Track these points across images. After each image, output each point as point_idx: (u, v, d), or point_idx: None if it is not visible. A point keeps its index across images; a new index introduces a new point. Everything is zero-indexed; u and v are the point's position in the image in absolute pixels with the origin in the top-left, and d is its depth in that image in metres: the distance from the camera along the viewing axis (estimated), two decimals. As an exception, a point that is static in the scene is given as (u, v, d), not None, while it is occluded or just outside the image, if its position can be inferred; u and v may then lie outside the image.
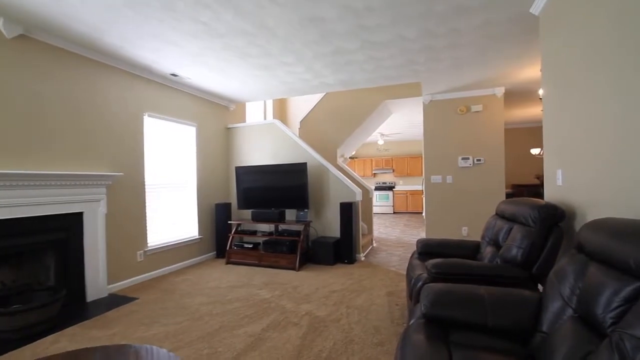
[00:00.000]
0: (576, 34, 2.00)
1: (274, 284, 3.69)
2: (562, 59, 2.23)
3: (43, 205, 2.92)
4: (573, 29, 2.05)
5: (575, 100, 2.04)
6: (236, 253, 4.66)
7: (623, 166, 1.53)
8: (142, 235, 3.94)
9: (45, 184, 2.90)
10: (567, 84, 2.17)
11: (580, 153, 1.98)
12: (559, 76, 2.29)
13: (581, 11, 1.94)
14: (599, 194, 1.76)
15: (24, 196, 2.77)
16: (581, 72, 1.95)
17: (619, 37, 1.55)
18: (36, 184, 2.83)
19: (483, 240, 2.75)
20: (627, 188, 1.50)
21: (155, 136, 4.20)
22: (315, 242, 4.55)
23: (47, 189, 2.94)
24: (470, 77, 4.42)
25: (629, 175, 1.49)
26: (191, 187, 4.77)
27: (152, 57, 3.58)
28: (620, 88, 1.54)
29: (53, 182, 2.96)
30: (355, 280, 3.76)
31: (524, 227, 2.18)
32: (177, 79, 4.24)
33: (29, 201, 2.80)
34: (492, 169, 5.05)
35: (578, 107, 2.00)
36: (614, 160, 1.61)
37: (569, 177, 2.18)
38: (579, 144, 2.00)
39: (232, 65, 3.87)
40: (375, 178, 12.05)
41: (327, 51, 3.51)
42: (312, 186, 4.88)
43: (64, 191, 3.06)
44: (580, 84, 1.97)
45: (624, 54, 1.51)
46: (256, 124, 5.37)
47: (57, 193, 3.01)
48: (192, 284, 3.76)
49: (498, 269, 2.10)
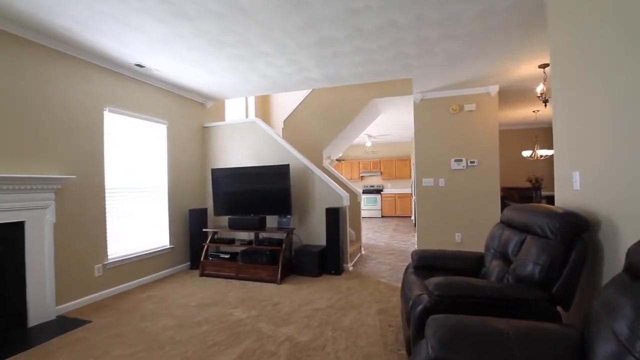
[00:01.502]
0: (597, 17, 1.70)
1: (252, 301, 3.28)
2: (579, 48, 1.93)
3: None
4: (592, 12, 1.75)
5: (599, 93, 1.73)
6: (212, 264, 4.21)
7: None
8: (101, 247, 3.46)
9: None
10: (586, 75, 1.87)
11: (609, 153, 1.67)
12: (575, 67, 2.00)
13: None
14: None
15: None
16: (607, 58, 1.64)
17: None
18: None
19: (487, 251, 2.43)
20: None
21: (119, 134, 3.74)
22: (299, 252, 4.16)
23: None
24: (464, 73, 4.14)
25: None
26: (162, 191, 4.31)
27: (113, 45, 3.14)
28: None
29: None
30: (342, 295, 3.39)
31: (540, 239, 1.86)
32: (144, 70, 3.79)
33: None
34: (487, 171, 4.79)
35: (603, 101, 1.69)
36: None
37: (590, 181, 1.87)
38: (606, 142, 1.69)
39: (206, 56, 3.46)
40: (363, 181, 11.76)
41: (311, 41, 3.15)
42: (296, 190, 4.49)
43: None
44: (606, 72, 1.66)
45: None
46: (235, 123, 4.96)
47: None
48: (158, 302, 3.30)
49: (512, 289, 1.77)
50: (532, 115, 6.76)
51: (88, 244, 3.31)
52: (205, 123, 5.09)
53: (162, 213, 4.31)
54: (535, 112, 6.50)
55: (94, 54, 3.30)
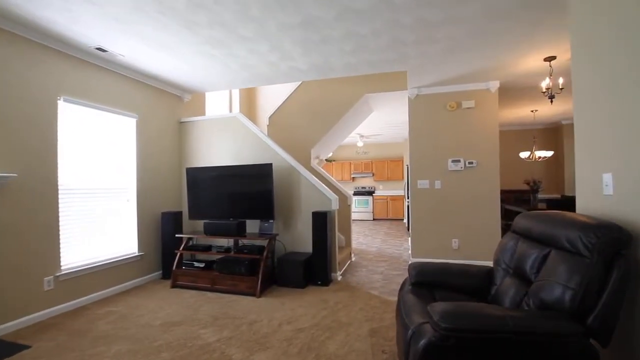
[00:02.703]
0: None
1: (226, 319, 2.87)
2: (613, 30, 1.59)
3: None
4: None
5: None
6: (185, 274, 3.78)
7: None
8: (53, 256, 3.00)
9: None
10: (624, 61, 1.53)
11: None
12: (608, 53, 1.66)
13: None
14: None
15: None
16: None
17: None
18: None
19: (497, 266, 2.07)
20: None
21: (79, 128, 3.29)
22: (282, 260, 3.75)
23: None
24: (464, 66, 3.81)
25: None
26: (130, 192, 3.86)
27: (64, 22, 2.70)
28: None
29: None
30: (329, 311, 3.00)
31: (569, 256, 1.51)
32: (108, 55, 3.35)
33: None
34: (486, 173, 4.47)
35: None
36: None
37: (628, 185, 1.53)
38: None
39: (176, 39, 3.05)
40: (354, 182, 11.41)
41: (295, 22, 2.76)
42: (280, 192, 4.09)
43: None
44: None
45: None
46: (215, 118, 4.53)
47: None
48: (118, 320, 2.87)
49: (541, 321, 1.40)
50: (530, 116, 6.49)
51: (35, 253, 2.85)
52: (182, 118, 4.66)
53: (130, 216, 3.86)
54: (533, 112, 6.23)
55: (43, 32, 2.85)
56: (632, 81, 1.50)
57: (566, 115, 6.60)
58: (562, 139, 7.16)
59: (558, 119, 7.03)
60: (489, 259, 4.41)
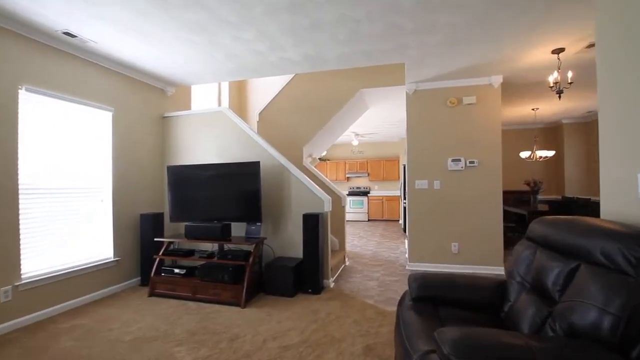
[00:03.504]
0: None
1: (205, 333, 2.58)
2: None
3: None
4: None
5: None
6: (164, 282, 3.47)
7: None
8: (11, 263, 2.69)
9: None
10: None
11: None
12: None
13: None
14: None
15: None
16: None
17: None
18: None
19: (512, 279, 1.81)
20: None
21: (44, 121, 2.97)
22: (270, 266, 3.47)
23: None
24: (466, 59, 3.56)
25: None
26: (105, 192, 3.55)
27: (26, 2, 2.39)
28: None
29: None
30: (320, 324, 2.72)
31: (606, 273, 1.25)
32: (77, 41, 3.03)
33: None
34: (488, 173, 4.23)
35: None
36: None
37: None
38: None
39: (153, 23, 2.75)
40: (349, 182, 11.15)
41: (282, 3, 2.47)
42: (269, 192, 3.81)
43: None
44: None
45: None
46: (200, 113, 4.23)
47: None
48: (82, 336, 2.56)
49: (572, 352, 1.14)
50: (531, 114, 6.28)
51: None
52: (165, 112, 4.35)
53: (106, 218, 3.55)
54: (534, 110, 6.01)
55: (1, 14, 2.53)
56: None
57: (567, 114, 6.40)
58: (562, 139, 6.96)
59: (558, 118, 6.83)
60: (490, 264, 4.17)
